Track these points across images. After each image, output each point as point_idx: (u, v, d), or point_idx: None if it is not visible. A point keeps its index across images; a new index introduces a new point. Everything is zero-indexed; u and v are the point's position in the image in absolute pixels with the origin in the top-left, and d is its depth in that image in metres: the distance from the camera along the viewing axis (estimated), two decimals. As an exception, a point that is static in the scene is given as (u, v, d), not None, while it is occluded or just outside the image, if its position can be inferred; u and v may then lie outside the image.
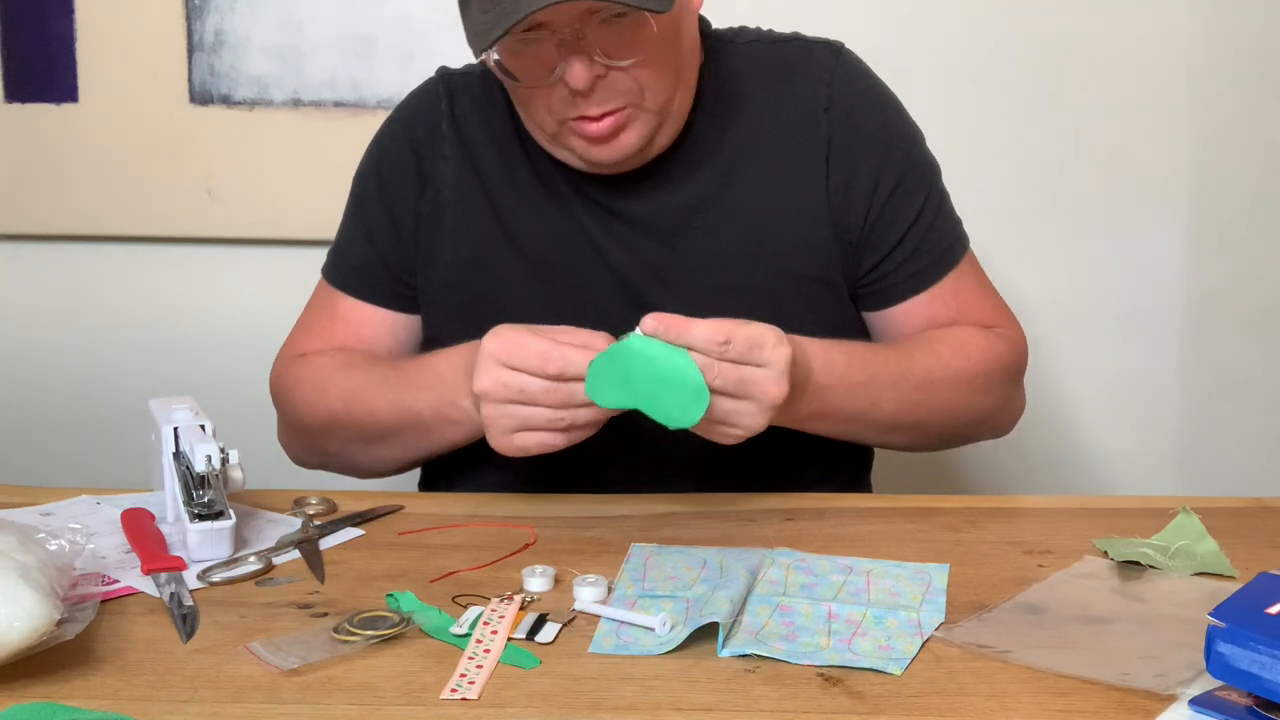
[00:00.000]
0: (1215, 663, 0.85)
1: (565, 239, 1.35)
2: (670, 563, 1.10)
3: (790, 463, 1.36)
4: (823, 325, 1.29)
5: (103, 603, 1.03)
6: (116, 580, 1.08)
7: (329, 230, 1.47)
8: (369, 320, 1.41)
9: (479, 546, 1.15)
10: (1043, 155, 2.00)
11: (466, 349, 1.19)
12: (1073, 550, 1.14)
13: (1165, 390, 2.07)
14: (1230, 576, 1.08)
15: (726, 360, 1.09)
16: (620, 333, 1.11)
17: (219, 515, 1.13)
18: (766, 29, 1.41)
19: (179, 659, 0.95)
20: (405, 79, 1.52)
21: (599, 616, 1.01)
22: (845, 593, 1.05)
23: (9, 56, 1.99)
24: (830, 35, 1.41)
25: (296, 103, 1.97)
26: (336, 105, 1.96)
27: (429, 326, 1.40)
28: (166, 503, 1.17)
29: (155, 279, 2.06)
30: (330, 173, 1.54)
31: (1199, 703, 0.86)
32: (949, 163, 1.43)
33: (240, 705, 0.88)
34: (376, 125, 1.47)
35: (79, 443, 2.09)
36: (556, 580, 1.07)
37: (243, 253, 2.03)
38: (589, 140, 1.25)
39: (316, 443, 1.40)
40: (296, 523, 1.21)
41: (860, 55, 1.40)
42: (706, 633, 0.96)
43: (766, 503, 1.27)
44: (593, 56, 1.20)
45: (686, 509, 1.25)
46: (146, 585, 1.07)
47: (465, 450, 1.38)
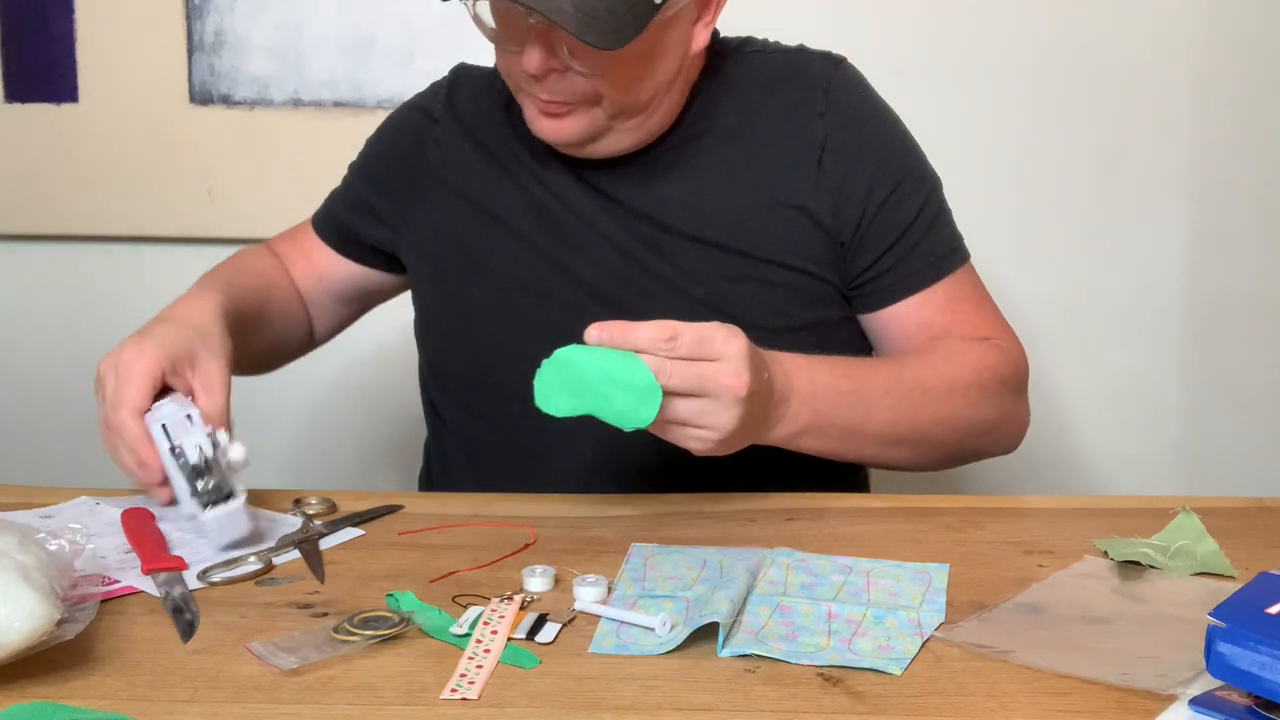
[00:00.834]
0: (1215, 663, 0.85)
1: (555, 215, 1.37)
2: (670, 563, 1.10)
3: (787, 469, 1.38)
4: (811, 318, 1.30)
5: (103, 603, 1.02)
6: (116, 580, 1.08)
7: (329, 230, 1.48)
8: (321, 255, 1.53)
9: (479, 546, 1.15)
10: (1043, 155, 2.00)
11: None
12: (1073, 550, 1.14)
13: (1165, 390, 2.07)
14: (1230, 576, 1.08)
15: (677, 358, 1.07)
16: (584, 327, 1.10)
17: (228, 497, 1.13)
18: (773, 40, 1.42)
19: (179, 659, 0.95)
20: (405, 79, 1.53)
21: (599, 616, 1.01)
22: (845, 593, 1.05)
23: (9, 56, 1.99)
24: (831, 37, 1.42)
25: (296, 103, 1.98)
26: (336, 105, 1.96)
27: (418, 285, 1.47)
28: (181, 504, 1.17)
29: (155, 279, 2.05)
30: (330, 173, 1.55)
31: (1199, 703, 0.86)
32: (949, 164, 1.43)
33: (240, 705, 0.88)
34: (376, 125, 1.49)
35: (79, 443, 2.08)
36: (556, 580, 1.07)
37: (243, 253, 2.03)
38: (537, 112, 1.29)
39: None
40: (296, 523, 1.21)
41: (860, 56, 1.41)
42: (706, 633, 0.96)
43: (766, 503, 1.27)
44: (557, 51, 1.23)
45: (686, 509, 1.25)
46: (146, 585, 1.07)
47: (466, 449, 1.39)
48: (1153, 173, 2.00)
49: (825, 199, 1.33)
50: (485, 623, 0.99)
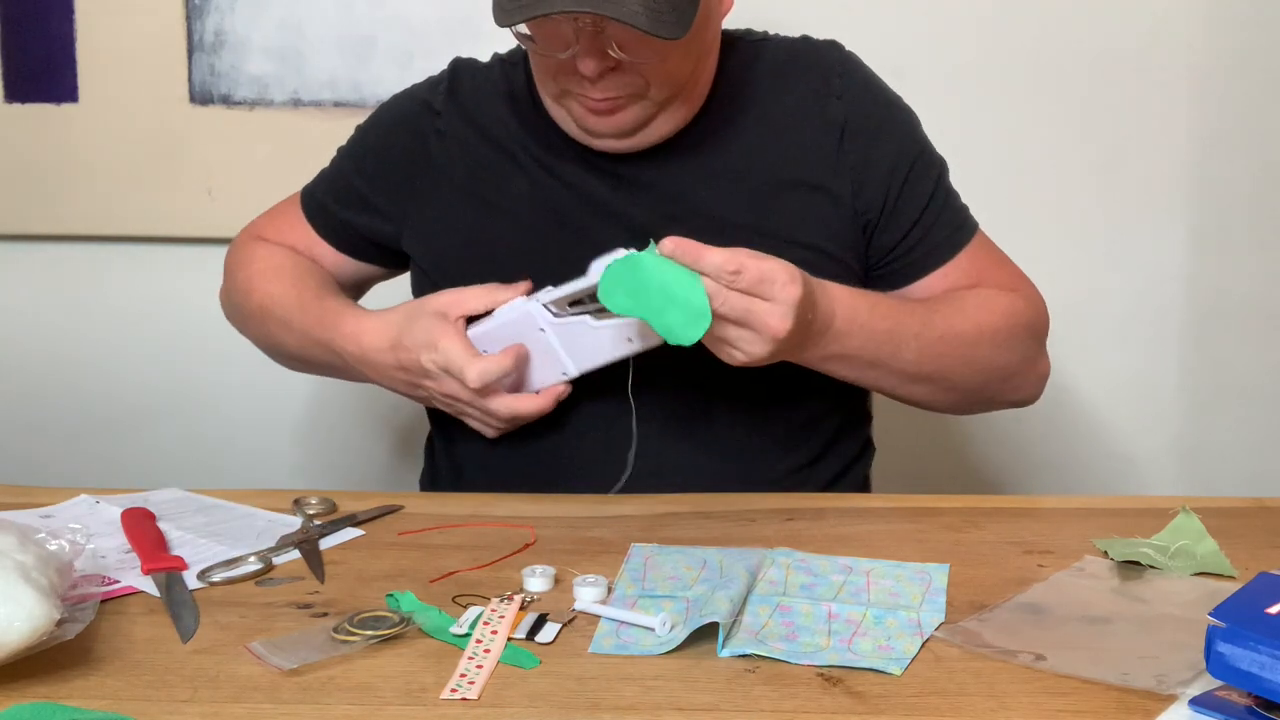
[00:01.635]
0: (1215, 663, 0.85)
1: (566, 206, 1.37)
2: (670, 563, 1.10)
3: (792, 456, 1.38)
4: None
5: (103, 603, 1.03)
6: (116, 580, 1.08)
7: (329, 230, 1.48)
8: (318, 247, 1.51)
9: (479, 546, 1.15)
10: (1042, 155, 2.00)
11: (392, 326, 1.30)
12: (1073, 550, 1.14)
13: (1165, 390, 2.06)
14: (1230, 576, 1.08)
15: (736, 289, 1.12)
16: None
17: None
18: (773, 33, 1.43)
19: (179, 659, 0.95)
20: (405, 79, 1.52)
21: (599, 616, 1.01)
22: (845, 593, 1.05)
23: (9, 56, 1.99)
24: (829, 34, 1.43)
25: (296, 103, 1.97)
26: (336, 105, 1.96)
27: (422, 278, 1.45)
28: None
29: (155, 279, 2.06)
30: (330, 173, 1.54)
31: (1199, 703, 0.86)
32: (948, 163, 1.43)
33: (240, 705, 0.88)
34: (374, 123, 1.49)
35: (79, 443, 2.09)
36: (556, 580, 1.07)
37: (243, 253, 2.03)
38: (587, 110, 1.30)
39: (240, 323, 1.52)
40: (296, 523, 1.21)
41: (860, 54, 1.43)
42: (706, 633, 0.96)
43: (766, 503, 1.27)
44: (607, 49, 1.23)
45: (686, 509, 1.25)
46: (146, 585, 1.07)
47: (464, 449, 1.39)
48: (1153, 173, 1.99)
49: (846, 178, 1.35)
50: (485, 623, 0.99)
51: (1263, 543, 1.16)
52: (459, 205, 1.40)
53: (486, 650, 0.95)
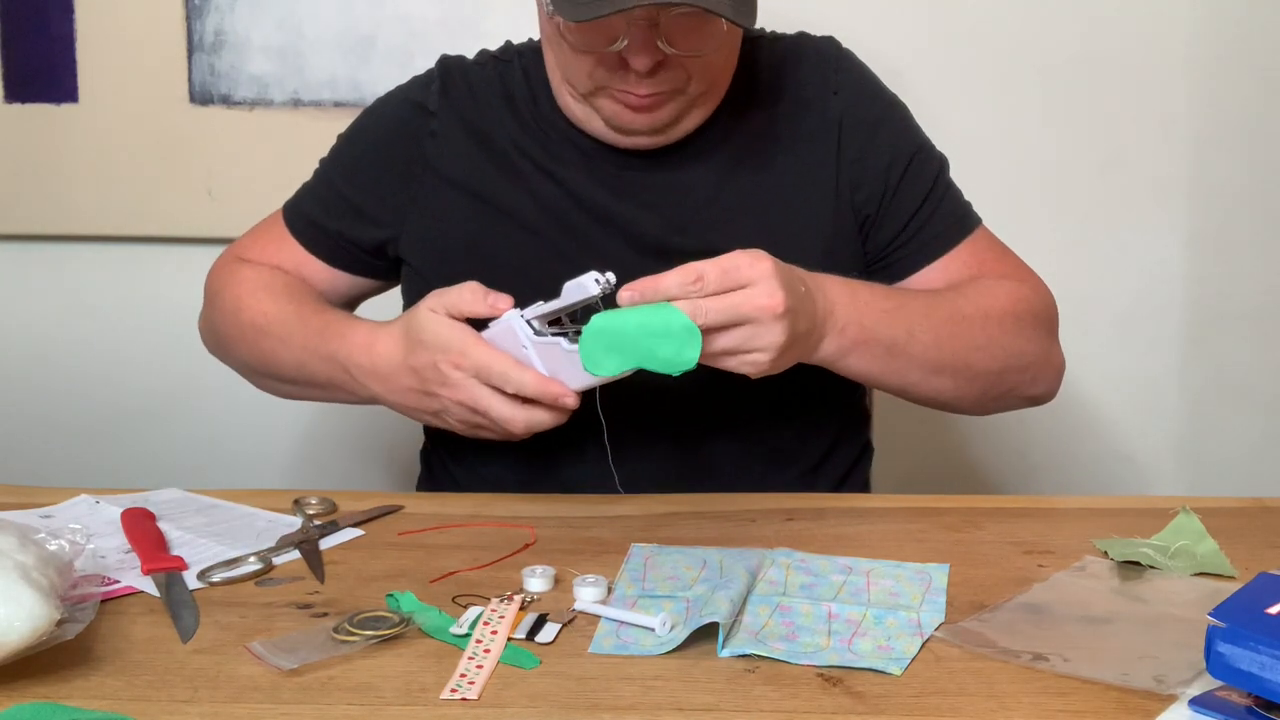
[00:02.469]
0: (1215, 663, 0.85)
1: (567, 212, 1.36)
2: (670, 563, 1.10)
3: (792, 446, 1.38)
4: None
5: (103, 603, 1.02)
6: (116, 580, 1.08)
7: (329, 230, 1.47)
8: (308, 265, 1.46)
9: (479, 546, 1.15)
10: (1042, 155, 2.00)
11: (398, 336, 1.24)
12: (1073, 550, 1.14)
13: (1165, 390, 2.07)
14: (1230, 576, 1.08)
15: (708, 295, 1.09)
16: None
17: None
18: (770, 30, 1.43)
19: (179, 659, 0.95)
20: (405, 79, 1.52)
21: (599, 616, 1.01)
22: (845, 593, 1.05)
23: (9, 56, 1.99)
24: (829, 33, 1.43)
25: (296, 103, 1.97)
26: (336, 105, 1.96)
27: (419, 282, 1.40)
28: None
29: (155, 279, 2.06)
30: (330, 173, 1.54)
31: (1199, 703, 0.86)
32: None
33: (240, 705, 0.88)
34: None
35: (79, 443, 2.09)
36: (556, 580, 1.07)
37: (243, 253, 2.03)
38: (625, 106, 1.28)
39: (225, 347, 1.45)
40: (296, 523, 1.21)
41: (859, 54, 1.43)
42: (706, 633, 0.96)
43: (766, 503, 1.27)
44: (657, 42, 1.22)
45: (686, 509, 1.25)
46: (146, 585, 1.07)
47: (464, 453, 1.38)
48: (1153, 173, 2.00)
49: (846, 173, 1.36)
50: (485, 623, 0.99)
51: (1263, 543, 1.16)
52: (458, 208, 1.38)
53: (486, 650, 0.95)
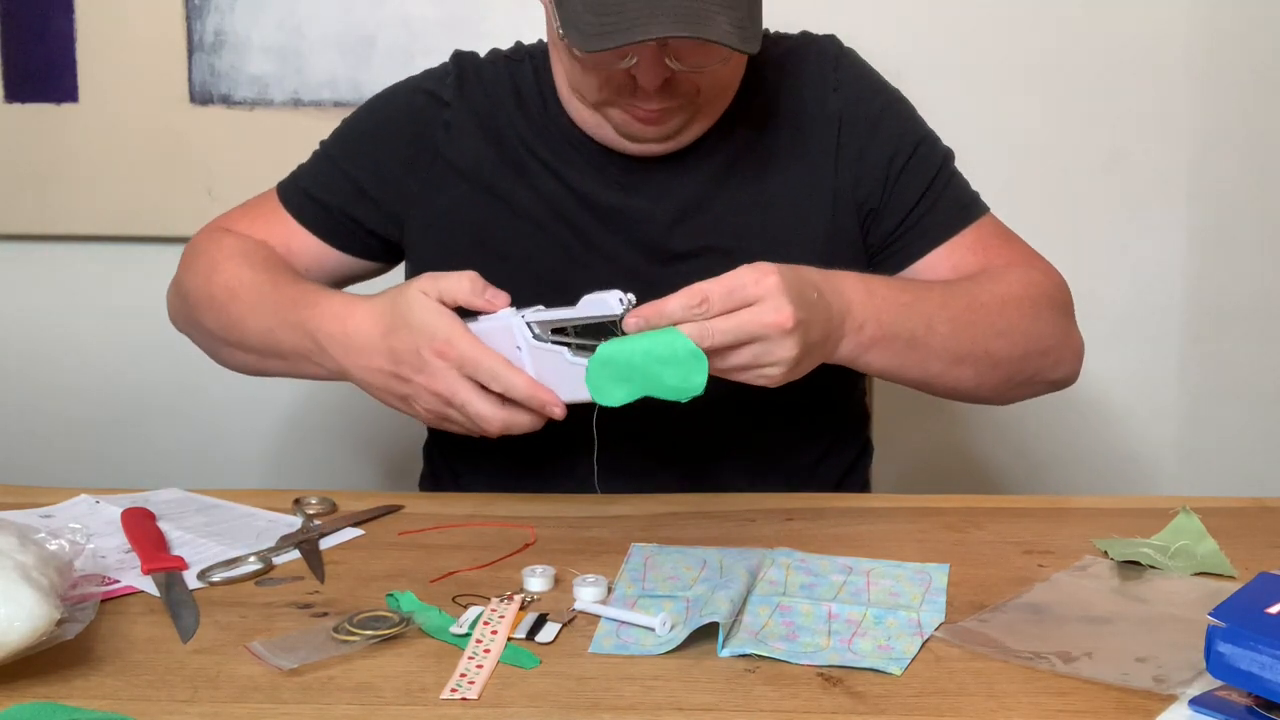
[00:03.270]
0: (1215, 663, 0.85)
1: (573, 213, 1.36)
2: (670, 563, 1.10)
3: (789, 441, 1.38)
4: None
5: (103, 603, 1.02)
6: (116, 580, 1.08)
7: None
8: (298, 239, 1.43)
9: (479, 546, 1.15)
10: (1042, 155, 2.00)
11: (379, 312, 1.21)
12: (1073, 550, 1.14)
13: (1165, 390, 2.07)
14: (1230, 576, 1.08)
15: (715, 316, 1.08)
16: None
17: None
18: (773, 30, 1.43)
19: (179, 659, 0.95)
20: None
21: (599, 616, 1.01)
22: (845, 593, 1.05)
23: (9, 56, 1.99)
24: (830, 32, 1.43)
25: (296, 103, 1.98)
26: (336, 105, 1.96)
27: (419, 270, 1.35)
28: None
29: (155, 279, 2.05)
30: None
31: (1199, 703, 0.86)
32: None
33: (240, 705, 0.88)
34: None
35: (79, 443, 2.09)
36: (556, 580, 1.07)
37: (243, 253, 2.03)
38: (634, 118, 1.28)
39: (192, 312, 1.41)
40: (296, 523, 1.21)
41: (859, 54, 1.42)
42: (706, 633, 0.96)
43: (766, 503, 1.27)
44: (665, 60, 1.22)
45: (686, 509, 1.25)
46: (146, 585, 1.07)
47: (467, 445, 1.38)
48: (1153, 173, 2.00)
49: (847, 170, 1.36)
50: (485, 623, 0.99)
51: (1263, 543, 1.16)
52: (467, 200, 1.38)
53: (486, 650, 0.95)
